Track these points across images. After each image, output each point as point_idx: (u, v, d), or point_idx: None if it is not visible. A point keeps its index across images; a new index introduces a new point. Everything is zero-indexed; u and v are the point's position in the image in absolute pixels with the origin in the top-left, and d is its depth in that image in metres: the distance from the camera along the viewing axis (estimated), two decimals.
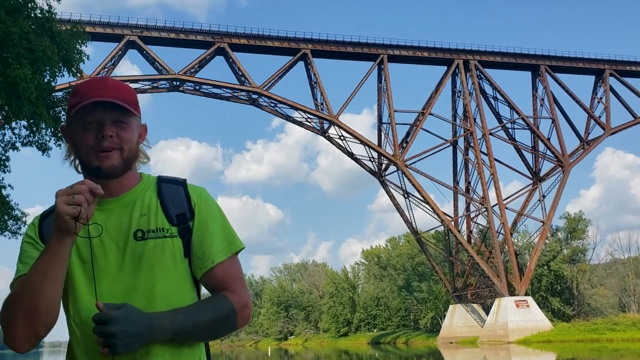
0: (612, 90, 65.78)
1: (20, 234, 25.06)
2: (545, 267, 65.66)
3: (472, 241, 64.28)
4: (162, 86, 57.42)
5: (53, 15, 20.74)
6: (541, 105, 64.88)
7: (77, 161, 1.73)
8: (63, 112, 22.60)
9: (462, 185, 65.16)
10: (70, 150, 1.75)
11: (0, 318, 1.49)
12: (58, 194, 1.49)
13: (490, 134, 62.58)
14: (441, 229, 67.82)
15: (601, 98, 65.62)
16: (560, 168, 62.64)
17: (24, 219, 25.03)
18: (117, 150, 1.66)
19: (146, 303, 1.61)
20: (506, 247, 60.22)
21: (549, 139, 63.65)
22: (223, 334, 1.72)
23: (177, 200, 1.74)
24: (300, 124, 60.91)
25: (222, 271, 1.74)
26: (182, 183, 1.80)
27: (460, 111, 64.76)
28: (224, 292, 1.72)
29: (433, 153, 62.84)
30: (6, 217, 24.12)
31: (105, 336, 1.47)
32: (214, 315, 1.65)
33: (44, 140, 22.34)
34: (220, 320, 1.66)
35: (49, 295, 1.51)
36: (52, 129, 21.95)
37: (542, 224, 61.59)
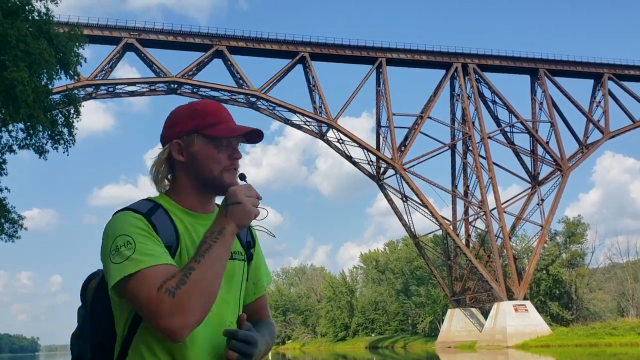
0: (610, 94, 65.82)
1: (17, 237, 24.75)
2: (544, 271, 65.53)
3: (471, 245, 64.12)
4: (160, 89, 57.25)
5: (50, 18, 20.66)
6: (540, 109, 64.83)
7: (162, 175, 1.77)
8: (60, 115, 22.48)
9: (461, 189, 65.05)
10: (175, 164, 1.77)
11: (176, 303, 1.46)
12: (240, 191, 1.61)
13: (489, 137, 62.51)
14: (439, 232, 67.66)
15: (600, 102, 65.60)
16: (559, 172, 62.55)
17: (20, 222, 24.80)
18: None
19: (233, 318, 1.71)
20: (505, 251, 60.10)
21: (547, 142, 63.58)
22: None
23: None
24: (298, 127, 60.79)
25: (264, 299, 1.98)
26: None
27: (458, 115, 64.67)
28: (269, 319, 1.95)
29: (431, 157, 62.71)
30: (3, 220, 23.92)
31: (244, 355, 1.56)
32: (272, 340, 1.85)
33: (41, 143, 22.25)
34: (271, 344, 1.84)
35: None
36: (49, 132, 21.84)
37: (540, 228, 61.46)
